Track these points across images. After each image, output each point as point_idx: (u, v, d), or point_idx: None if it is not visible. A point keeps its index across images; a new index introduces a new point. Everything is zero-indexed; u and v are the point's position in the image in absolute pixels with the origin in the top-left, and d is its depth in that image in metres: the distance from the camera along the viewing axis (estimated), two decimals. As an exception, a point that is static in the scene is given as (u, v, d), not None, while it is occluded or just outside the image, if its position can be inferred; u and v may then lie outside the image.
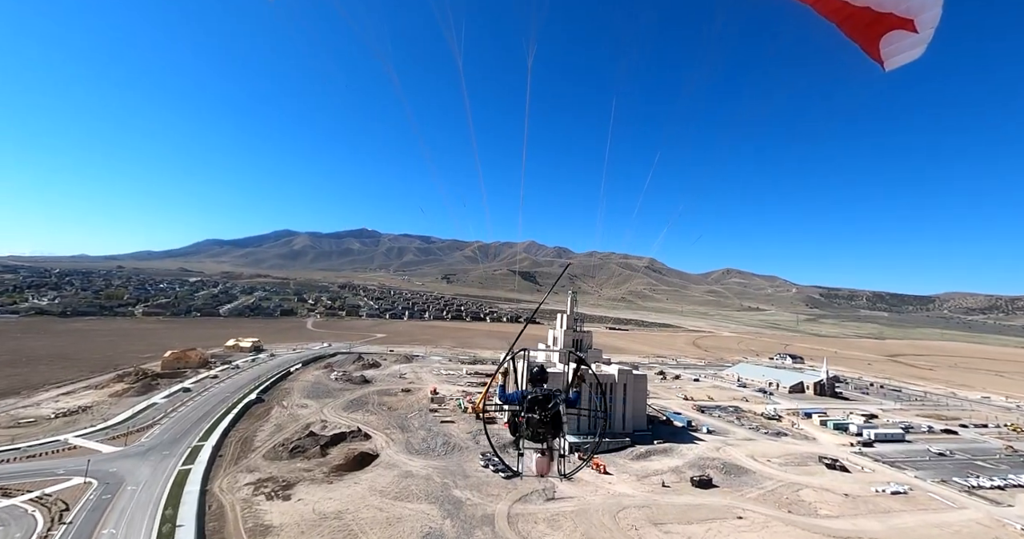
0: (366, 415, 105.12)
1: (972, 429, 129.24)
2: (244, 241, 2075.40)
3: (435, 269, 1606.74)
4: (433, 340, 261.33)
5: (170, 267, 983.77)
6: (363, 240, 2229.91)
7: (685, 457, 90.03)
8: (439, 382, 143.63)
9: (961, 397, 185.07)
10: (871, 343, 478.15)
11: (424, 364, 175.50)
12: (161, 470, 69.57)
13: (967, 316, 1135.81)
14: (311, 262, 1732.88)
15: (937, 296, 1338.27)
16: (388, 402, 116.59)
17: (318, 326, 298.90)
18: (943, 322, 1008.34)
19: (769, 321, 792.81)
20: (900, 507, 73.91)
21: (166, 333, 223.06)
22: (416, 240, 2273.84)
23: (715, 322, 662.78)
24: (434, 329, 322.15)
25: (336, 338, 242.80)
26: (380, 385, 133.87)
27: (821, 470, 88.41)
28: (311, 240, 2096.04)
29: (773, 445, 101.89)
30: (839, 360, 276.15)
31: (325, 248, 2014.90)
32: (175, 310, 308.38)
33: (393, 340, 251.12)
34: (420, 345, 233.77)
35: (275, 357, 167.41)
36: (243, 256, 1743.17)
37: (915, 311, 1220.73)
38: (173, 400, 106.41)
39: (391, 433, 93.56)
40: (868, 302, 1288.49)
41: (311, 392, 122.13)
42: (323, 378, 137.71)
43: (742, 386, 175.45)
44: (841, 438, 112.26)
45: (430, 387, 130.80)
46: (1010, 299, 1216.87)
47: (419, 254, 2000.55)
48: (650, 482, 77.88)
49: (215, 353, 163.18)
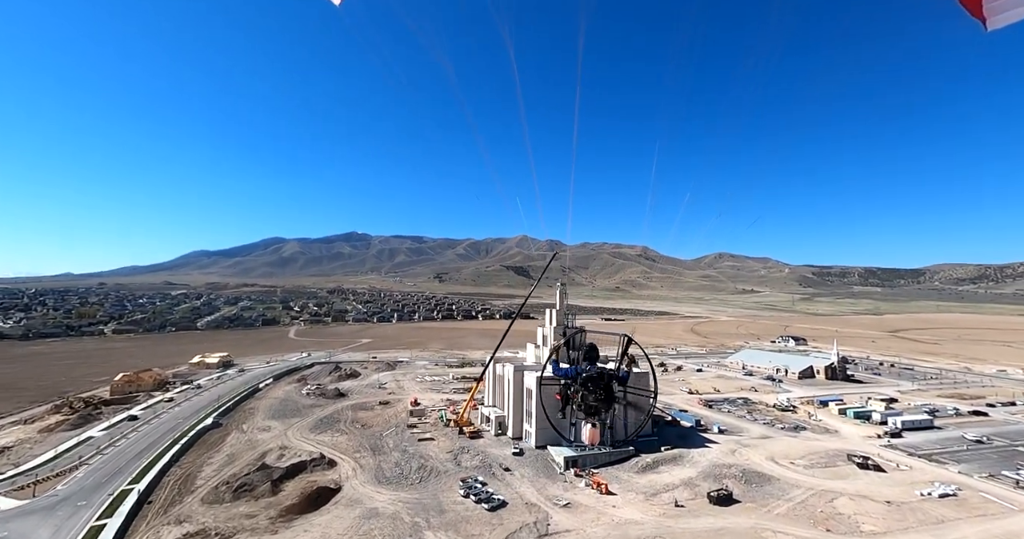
0: (335, 436, 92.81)
1: (1000, 408, 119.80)
2: (232, 251, 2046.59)
3: (427, 269, 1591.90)
4: (421, 342, 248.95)
5: (155, 281, 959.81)
6: (353, 244, 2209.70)
7: (698, 465, 78.80)
8: (422, 391, 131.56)
9: (977, 372, 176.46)
10: (870, 319, 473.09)
11: (408, 370, 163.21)
12: (67, 529, 56.91)
13: (958, 286, 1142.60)
14: (301, 268, 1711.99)
15: (927, 268, 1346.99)
16: (363, 418, 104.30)
17: (301, 334, 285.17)
18: (936, 294, 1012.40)
19: (765, 303, 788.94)
20: (953, 514, 63.17)
21: (134, 352, 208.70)
22: (407, 241, 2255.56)
23: (711, 307, 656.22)
24: (423, 331, 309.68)
25: (318, 346, 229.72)
26: (356, 398, 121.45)
27: (852, 470, 77.63)
28: (301, 246, 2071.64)
29: (793, 443, 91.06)
30: (842, 340, 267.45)
31: (315, 254, 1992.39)
32: (149, 326, 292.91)
33: (379, 345, 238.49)
34: (407, 349, 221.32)
35: (245, 372, 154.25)
36: (231, 266, 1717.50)
37: (907, 284, 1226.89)
38: (113, 432, 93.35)
39: (361, 457, 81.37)
40: (860, 278, 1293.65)
41: (277, 411, 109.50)
42: (293, 394, 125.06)
43: (749, 374, 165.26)
44: (865, 429, 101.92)
45: (411, 398, 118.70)
46: (999, 267, 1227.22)
47: (411, 254, 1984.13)
48: (661, 502, 66.47)
49: (178, 372, 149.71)
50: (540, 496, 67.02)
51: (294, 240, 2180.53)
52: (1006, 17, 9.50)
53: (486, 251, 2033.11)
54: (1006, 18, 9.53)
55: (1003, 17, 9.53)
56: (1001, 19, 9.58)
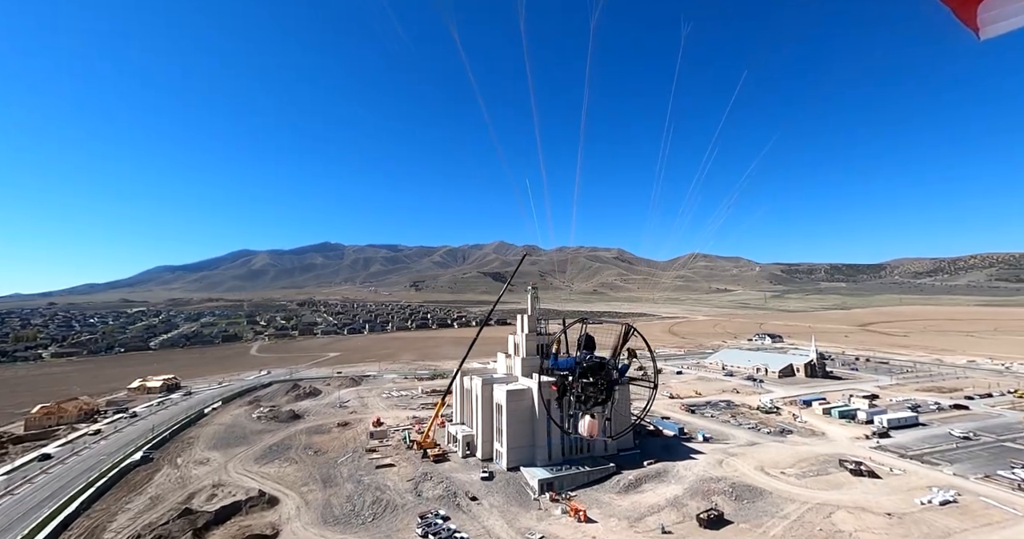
0: (283, 466, 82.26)
1: (979, 401, 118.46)
2: (198, 265, 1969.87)
3: (404, 277, 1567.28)
4: (392, 354, 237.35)
5: (111, 299, 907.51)
6: (327, 254, 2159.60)
7: (684, 481, 72.14)
8: (387, 408, 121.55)
9: (949, 363, 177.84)
10: (839, 314, 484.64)
11: (375, 385, 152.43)
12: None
13: (916, 280, 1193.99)
14: (271, 281, 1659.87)
15: (887, 263, 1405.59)
16: (317, 443, 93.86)
17: (264, 350, 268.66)
18: (897, 287, 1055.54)
19: (738, 301, 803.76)
20: (958, 524, 58.18)
21: (72, 377, 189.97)
22: (383, 250, 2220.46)
23: (688, 307, 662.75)
24: (396, 341, 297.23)
25: (281, 363, 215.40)
26: (312, 420, 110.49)
27: (846, 478, 72.42)
28: (271, 258, 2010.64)
29: (782, 449, 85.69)
30: (816, 335, 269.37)
31: (287, 265, 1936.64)
32: (95, 348, 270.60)
33: (347, 359, 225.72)
34: (376, 362, 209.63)
35: (192, 396, 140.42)
36: (197, 280, 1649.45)
37: (869, 279, 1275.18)
38: (15, 476, 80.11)
39: (308, 491, 71.36)
40: (826, 274, 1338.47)
41: (221, 440, 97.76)
42: (243, 418, 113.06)
43: (729, 375, 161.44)
44: (852, 429, 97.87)
45: (373, 417, 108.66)
46: (952, 260, 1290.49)
47: (386, 263, 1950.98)
48: (646, 528, 59.26)
49: (113, 399, 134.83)
50: (510, 530, 58.81)
51: (264, 252, 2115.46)
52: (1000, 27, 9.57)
53: (463, 258, 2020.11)
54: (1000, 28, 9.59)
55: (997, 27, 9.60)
56: (995, 29, 9.65)
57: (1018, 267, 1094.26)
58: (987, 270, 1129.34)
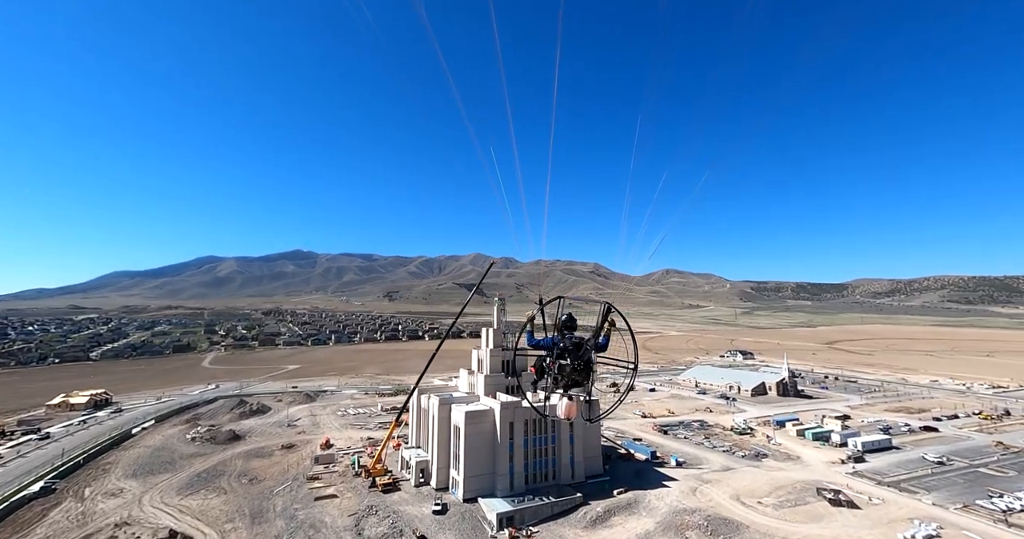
0: (208, 498, 72.17)
1: (947, 422, 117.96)
2: (160, 271, 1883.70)
3: (377, 287, 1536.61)
4: (356, 367, 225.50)
5: (60, 305, 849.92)
6: (298, 262, 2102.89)
7: (656, 513, 66.21)
8: (341, 427, 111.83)
9: (913, 383, 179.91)
10: (806, 332, 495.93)
11: (331, 402, 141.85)
12: None
13: (875, 299, 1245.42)
14: (238, 289, 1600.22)
15: (849, 283, 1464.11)
16: (255, 469, 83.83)
17: (218, 362, 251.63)
18: (858, 307, 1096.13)
19: (710, 317, 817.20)
20: (944, 562, 54.12)
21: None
22: (357, 259, 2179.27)
23: (661, 322, 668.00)
24: (362, 354, 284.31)
25: (233, 376, 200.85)
26: (254, 441, 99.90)
27: (825, 508, 67.99)
28: (239, 265, 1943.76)
29: (758, 475, 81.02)
30: (784, 352, 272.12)
31: (255, 273, 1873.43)
32: (27, 358, 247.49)
33: (307, 372, 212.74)
34: (337, 375, 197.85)
35: (122, 413, 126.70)
36: (157, 287, 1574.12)
37: (832, 298, 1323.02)
38: None
39: (232, 530, 61.92)
40: (793, 292, 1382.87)
41: (143, 466, 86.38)
42: (175, 440, 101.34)
43: (702, 393, 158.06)
44: (827, 452, 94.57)
45: (322, 438, 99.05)
46: (907, 282, 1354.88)
47: (360, 273, 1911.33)
48: (613, 572, 52.78)
49: (27, 418, 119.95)
50: (460, 577, 51.29)
51: (231, 259, 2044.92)
52: None
53: (439, 269, 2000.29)
54: None
55: None
56: None
57: (967, 290, 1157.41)
58: (939, 292, 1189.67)
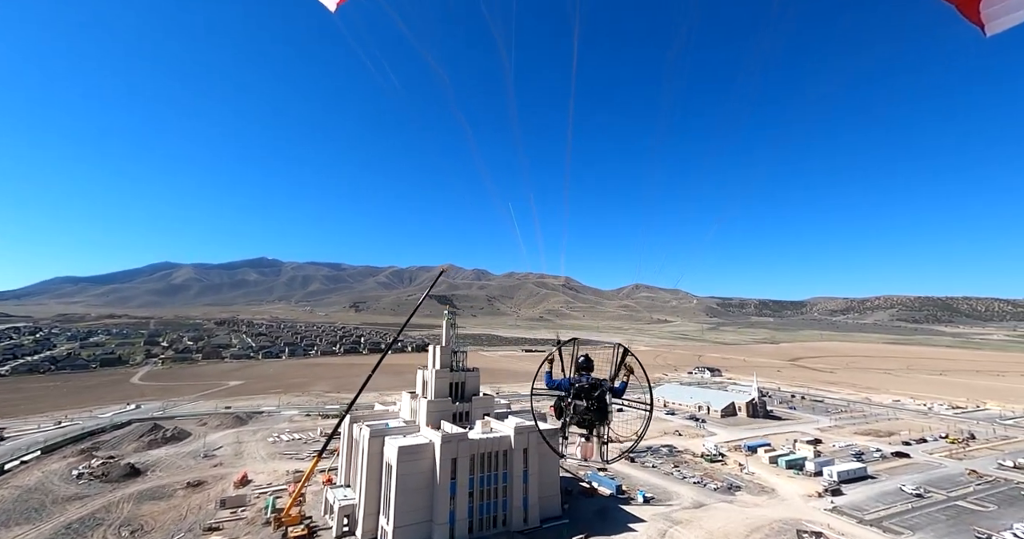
0: (70, 559, 57.62)
1: (916, 447, 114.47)
2: (108, 277, 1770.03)
3: (344, 297, 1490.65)
4: (305, 383, 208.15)
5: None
6: (262, 270, 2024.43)
7: (619, 567, 56.57)
8: (268, 458, 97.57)
9: (877, 403, 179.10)
10: (770, 348, 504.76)
11: (264, 425, 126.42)
12: None
13: (832, 317, 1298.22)
14: (195, 297, 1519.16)
15: (807, 301, 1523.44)
16: (144, 517, 69.25)
17: (150, 378, 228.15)
18: (816, 324, 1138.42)
19: (677, 332, 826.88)
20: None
21: None
22: (324, 268, 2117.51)
23: (630, 336, 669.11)
24: (315, 368, 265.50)
25: (163, 393, 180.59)
26: (156, 478, 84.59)
27: (807, 556, 60.19)
28: (196, 272, 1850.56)
29: (732, 514, 72.81)
30: (750, 369, 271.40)
31: (214, 281, 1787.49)
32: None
33: (249, 389, 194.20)
34: (281, 393, 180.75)
35: (3, 442, 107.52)
36: (104, 294, 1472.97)
37: (793, 315, 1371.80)
38: None
39: (84, 607, 48.07)
40: (756, 309, 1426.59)
41: (4, 513, 70.25)
42: (56, 477, 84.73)
43: (671, 414, 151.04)
44: (802, 482, 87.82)
45: (239, 473, 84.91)
46: (861, 300, 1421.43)
47: (327, 283, 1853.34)
48: None
49: None
50: None
51: (189, 266, 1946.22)
52: (1005, 21, 9.40)
53: (410, 279, 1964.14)
54: (1005, 22, 9.42)
55: (1002, 21, 9.41)
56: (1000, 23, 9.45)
57: (914, 309, 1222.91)
58: (889, 310, 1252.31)
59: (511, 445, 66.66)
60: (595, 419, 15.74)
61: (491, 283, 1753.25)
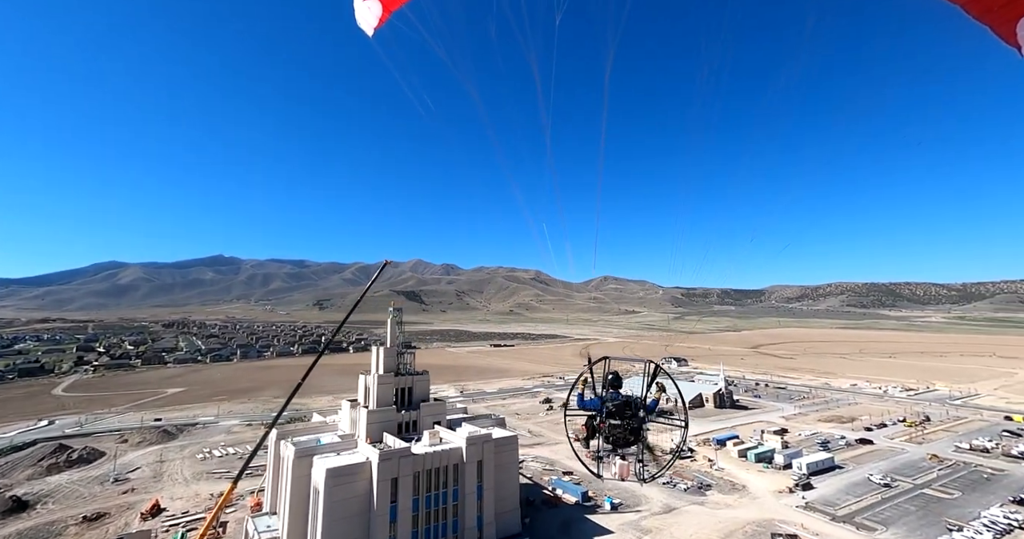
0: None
1: (878, 432, 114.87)
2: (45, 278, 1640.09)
3: (308, 295, 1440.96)
4: (254, 389, 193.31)
5: None
6: (218, 269, 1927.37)
7: (582, 593, 50.06)
8: (192, 479, 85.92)
9: (836, 388, 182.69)
10: (733, 336, 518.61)
11: (197, 439, 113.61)
12: None
13: (788, 304, 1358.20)
14: (143, 298, 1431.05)
15: (765, 289, 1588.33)
16: (21, 563, 57.34)
17: (76, 388, 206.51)
18: (774, 311, 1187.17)
19: (644, 322, 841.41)
20: None
21: None
22: (287, 265, 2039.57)
23: (599, 328, 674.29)
24: (270, 371, 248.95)
25: (88, 405, 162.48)
26: (45, 512, 71.90)
27: (783, 564, 55.72)
28: (145, 272, 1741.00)
29: (704, 518, 67.99)
30: (715, 357, 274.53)
31: (166, 281, 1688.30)
32: None
33: (190, 397, 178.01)
34: (223, 401, 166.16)
35: None
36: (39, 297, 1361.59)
37: (752, 303, 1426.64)
38: None
39: None
40: (718, 298, 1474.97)
41: None
42: (-79, 516, 70.48)
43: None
44: (772, 477, 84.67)
45: (151, 500, 73.43)
46: (814, 288, 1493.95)
47: (289, 280, 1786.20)
48: None
49: None
50: None
51: (137, 265, 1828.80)
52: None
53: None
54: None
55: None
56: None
57: (862, 294, 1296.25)
58: (840, 296, 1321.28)
59: (463, 458, 58.89)
60: (631, 437, 15.71)
61: (460, 277, 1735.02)
